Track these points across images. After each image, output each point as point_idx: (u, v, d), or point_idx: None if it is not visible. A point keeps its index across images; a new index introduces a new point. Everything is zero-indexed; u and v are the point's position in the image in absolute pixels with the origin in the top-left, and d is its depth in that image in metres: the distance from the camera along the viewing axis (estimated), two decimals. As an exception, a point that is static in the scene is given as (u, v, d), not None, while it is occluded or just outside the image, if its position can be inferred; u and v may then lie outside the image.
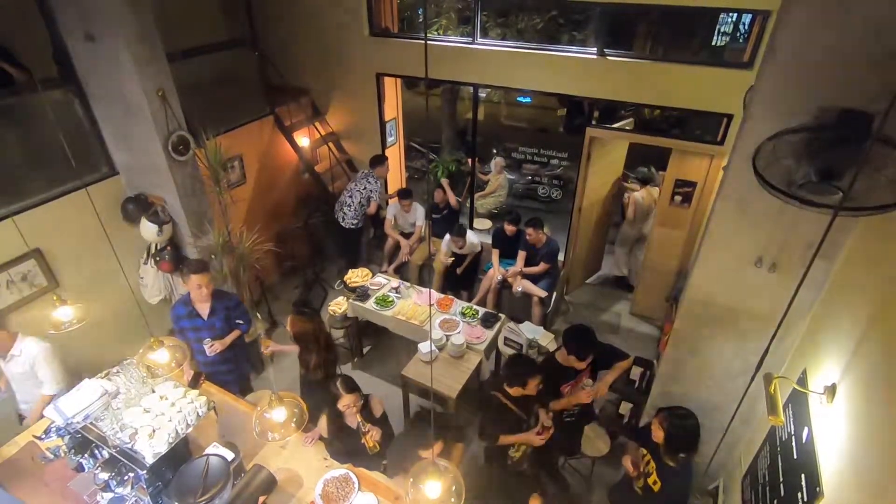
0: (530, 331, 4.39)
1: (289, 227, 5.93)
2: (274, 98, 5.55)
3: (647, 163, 6.17)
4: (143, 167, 4.03)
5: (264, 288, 5.47)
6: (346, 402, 2.88)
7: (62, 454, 2.58)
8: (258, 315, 5.26)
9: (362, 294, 4.79)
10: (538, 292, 4.96)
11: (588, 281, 6.30)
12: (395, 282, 4.95)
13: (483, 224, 7.03)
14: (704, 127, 5.44)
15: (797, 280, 1.83)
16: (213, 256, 4.15)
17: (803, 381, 2.47)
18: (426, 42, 1.79)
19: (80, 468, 2.56)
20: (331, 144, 6.06)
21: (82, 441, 2.51)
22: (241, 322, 3.62)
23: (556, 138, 10.07)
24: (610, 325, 5.58)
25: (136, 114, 3.72)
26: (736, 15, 6.68)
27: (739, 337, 2.98)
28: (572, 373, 3.17)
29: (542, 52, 4.90)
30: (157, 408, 2.57)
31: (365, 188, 5.54)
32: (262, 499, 2.60)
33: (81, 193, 3.72)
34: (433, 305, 4.68)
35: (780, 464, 2.48)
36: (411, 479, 1.71)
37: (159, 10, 3.63)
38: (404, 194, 5.60)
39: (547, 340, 4.35)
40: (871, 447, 1.81)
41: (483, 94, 9.55)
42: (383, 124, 6.00)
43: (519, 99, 10.85)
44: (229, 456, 2.61)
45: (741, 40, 6.92)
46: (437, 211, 5.93)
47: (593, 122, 5.37)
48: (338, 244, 6.13)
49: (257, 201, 5.55)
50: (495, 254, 5.31)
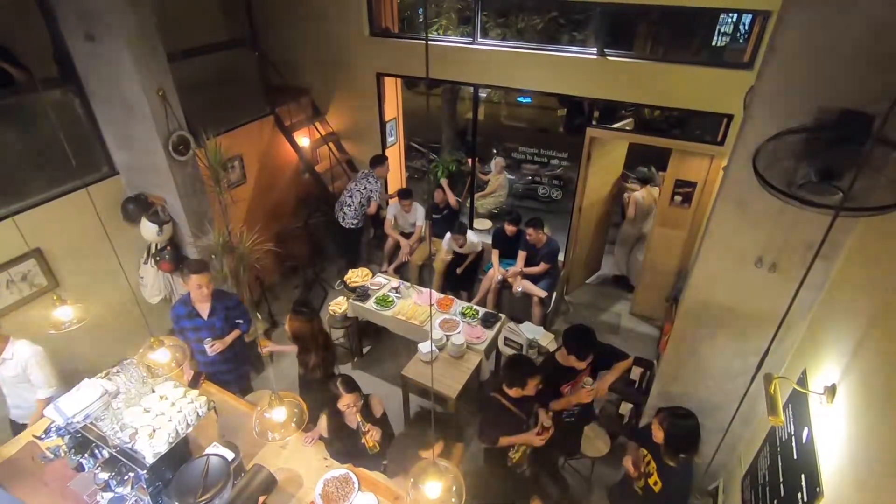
0: (530, 331, 4.39)
1: (289, 227, 5.93)
2: (274, 98, 5.55)
3: (647, 163, 6.18)
4: (143, 167, 4.04)
5: (264, 288, 5.47)
6: (346, 402, 2.88)
7: (62, 454, 2.58)
8: (258, 315, 5.26)
9: (362, 294, 4.79)
10: (538, 292, 4.97)
11: (588, 281, 6.31)
12: (396, 282, 4.95)
13: (483, 224, 7.03)
14: (704, 127, 5.44)
15: (797, 280, 1.83)
16: (214, 256, 4.15)
17: (803, 381, 2.47)
18: (427, 42, 1.79)
19: (80, 468, 2.56)
20: (331, 144, 6.06)
21: (82, 441, 2.51)
22: (241, 322, 3.62)
23: (556, 138, 10.09)
24: (610, 326, 5.58)
25: (137, 113, 3.72)
26: (736, 15, 6.69)
27: (739, 337, 2.98)
28: (572, 373, 3.17)
29: (542, 53, 4.90)
30: (157, 407, 2.57)
31: (365, 188, 5.54)
32: (262, 499, 2.60)
33: (82, 193, 3.72)
34: (433, 305, 4.69)
35: (780, 464, 2.48)
36: (412, 479, 1.71)
37: (159, 10, 3.63)
38: (404, 194, 5.60)
39: (547, 340, 4.35)
40: (871, 447, 1.82)
41: (483, 94, 9.56)
42: (383, 124, 6.00)
43: (519, 99, 10.86)
44: (229, 456, 2.61)
45: (741, 40, 6.93)
46: (437, 211, 5.93)
47: (593, 123, 5.37)
48: (338, 244, 6.13)
49: (257, 201, 5.56)
50: (495, 254, 5.31)
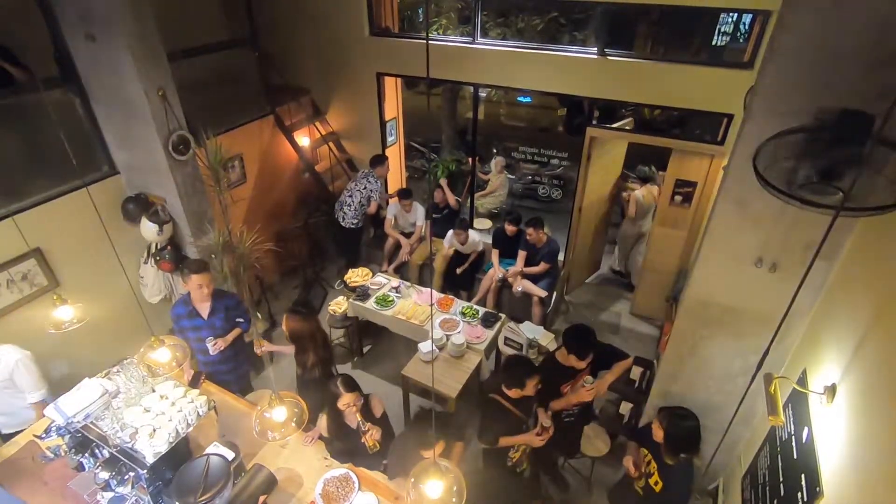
0: (530, 331, 4.39)
1: (289, 227, 5.93)
2: (274, 97, 5.55)
3: (647, 162, 6.19)
4: (143, 167, 4.04)
5: (264, 287, 5.47)
6: (346, 402, 2.87)
7: (62, 453, 2.58)
8: (258, 315, 5.26)
9: (362, 294, 4.79)
10: (538, 292, 4.97)
11: (588, 281, 6.31)
12: (396, 281, 4.95)
13: (483, 224, 7.03)
14: (705, 127, 5.44)
15: (797, 280, 1.83)
16: (214, 256, 4.14)
17: (803, 381, 2.47)
18: (427, 42, 1.78)
19: (80, 467, 2.56)
20: (331, 144, 6.06)
21: (83, 440, 2.51)
22: (241, 320, 3.62)
23: (556, 138, 10.10)
24: (610, 325, 5.58)
25: (137, 113, 3.72)
26: (736, 15, 6.70)
27: (740, 337, 2.98)
28: (572, 372, 3.17)
29: (542, 52, 4.90)
30: (157, 407, 2.57)
31: (365, 188, 5.54)
32: (262, 498, 2.60)
33: (82, 193, 3.72)
34: (433, 305, 4.69)
35: (780, 464, 2.48)
36: (412, 478, 1.71)
37: (160, 10, 3.62)
38: (404, 194, 5.60)
39: (547, 340, 4.35)
40: (872, 447, 1.82)
41: (483, 94, 9.55)
42: (383, 124, 6.00)
43: (519, 99, 10.86)
44: (229, 455, 2.61)
45: (741, 40, 6.93)
46: (437, 211, 5.93)
47: (594, 122, 5.37)
48: (338, 244, 6.14)
49: (257, 201, 5.55)
50: (495, 253, 5.32)
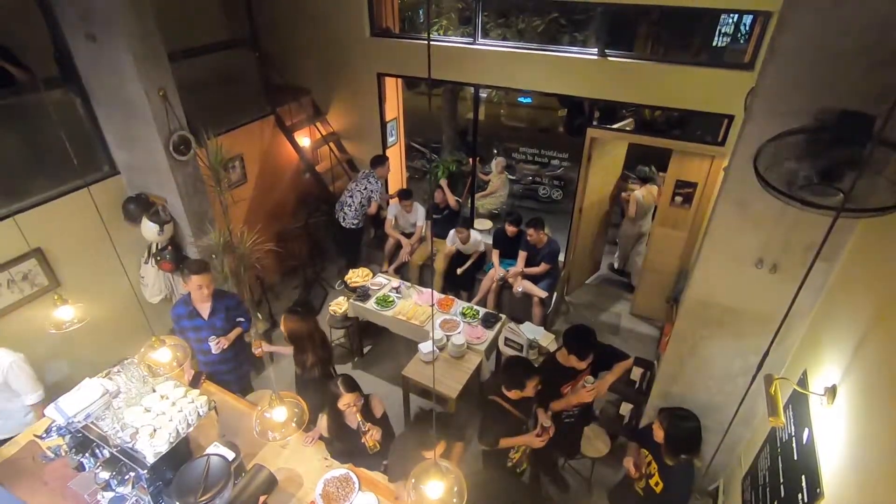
0: (531, 331, 4.39)
1: (289, 227, 5.94)
2: (275, 98, 5.55)
3: (647, 163, 6.19)
4: (144, 167, 4.04)
5: (265, 288, 5.47)
6: (346, 402, 2.87)
7: (63, 453, 2.58)
8: (259, 315, 5.26)
9: (363, 294, 4.79)
10: (539, 293, 4.97)
11: (588, 281, 6.31)
12: (396, 282, 4.95)
13: (483, 224, 7.03)
14: (705, 128, 5.45)
15: (798, 281, 1.83)
16: (214, 256, 4.15)
17: (804, 382, 2.47)
18: (429, 42, 1.79)
19: (80, 467, 2.56)
20: (331, 144, 6.06)
21: (83, 440, 2.51)
22: (241, 320, 3.63)
23: (556, 139, 10.11)
24: (610, 326, 5.58)
25: (138, 113, 3.72)
26: (737, 16, 6.70)
27: (740, 337, 2.98)
28: (572, 373, 3.17)
29: (542, 53, 4.90)
30: (157, 407, 2.58)
31: (366, 188, 5.54)
32: (262, 498, 2.61)
33: (83, 193, 3.72)
34: (434, 306, 4.69)
35: (781, 465, 2.48)
36: (413, 479, 1.71)
37: (160, 10, 3.63)
38: (405, 195, 5.60)
39: (547, 341, 4.35)
40: (872, 448, 1.82)
41: (484, 95, 9.56)
42: (384, 124, 6.00)
43: (520, 99, 10.86)
44: (230, 455, 2.61)
45: (742, 41, 6.94)
46: (437, 211, 5.94)
47: (594, 123, 5.37)
48: (338, 244, 6.14)
49: (258, 201, 5.56)
50: (496, 254, 5.32)
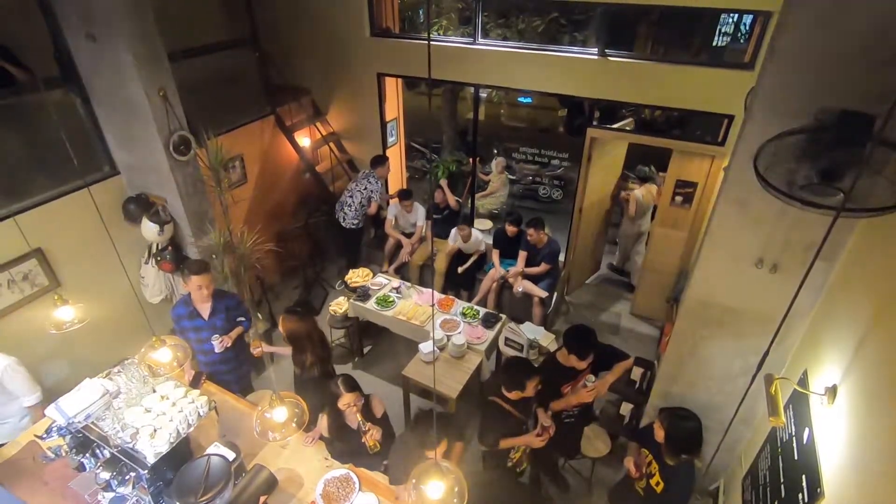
0: (531, 331, 4.39)
1: (289, 227, 5.94)
2: (275, 98, 5.55)
3: (647, 162, 6.19)
4: (144, 167, 4.04)
5: (265, 288, 5.47)
6: (346, 401, 2.87)
7: (63, 454, 2.58)
8: (259, 315, 5.26)
9: (363, 294, 4.80)
10: (539, 293, 4.97)
11: (588, 281, 6.31)
12: (396, 282, 4.95)
13: (484, 224, 7.03)
14: (705, 127, 5.45)
15: (798, 281, 1.83)
16: (214, 256, 4.15)
17: (804, 382, 2.47)
18: (429, 42, 1.79)
19: (81, 468, 2.57)
20: (332, 144, 6.06)
21: (83, 440, 2.51)
22: (242, 319, 3.63)
23: (556, 139, 10.10)
24: (610, 326, 5.58)
25: (138, 113, 3.72)
26: (737, 16, 6.70)
27: (740, 337, 2.98)
28: (573, 373, 3.17)
29: (542, 53, 4.90)
30: (158, 407, 2.58)
31: (366, 188, 5.54)
32: (262, 499, 2.61)
33: (83, 193, 3.72)
34: (434, 306, 4.69)
35: (781, 464, 2.48)
36: (414, 479, 1.71)
37: (160, 10, 3.62)
38: (404, 195, 5.60)
39: (548, 341, 4.35)
40: (873, 448, 1.82)
41: (484, 95, 9.56)
42: (384, 124, 6.00)
43: (520, 99, 10.86)
44: (230, 456, 2.62)
45: (742, 41, 6.94)
46: (437, 211, 5.94)
47: (594, 123, 5.37)
48: (338, 244, 6.14)
49: (258, 201, 5.56)
50: (496, 254, 5.32)
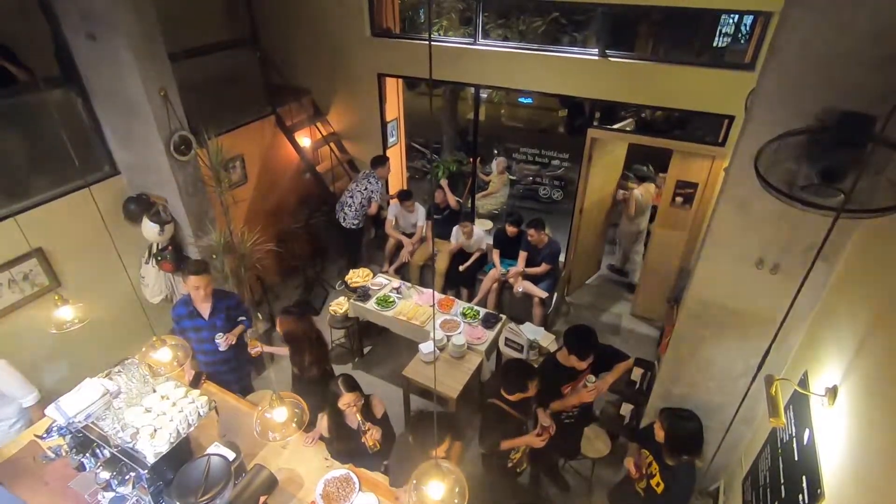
0: (531, 332, 4.39)
1: (290, 227, 5.94)
2: (275, 98, 5.55)
3: (647, 162, 6.19)
4: (144, 167, 4.04)
5: (265, 288, 5.48)
6: (346, 401, 2.87)
7: (63, 453, 2.59)
8: (259, 315, 5.26)
9: (363, 294, 4.80)
10: (539, 293, 4.97)
11: (588, 282, 6.31)
12: (396, 282, 4.95)
13: (484, 225, 7.03)
14: (706, 128, 5.44)
15: (798, 282, 1.83)
16: (215, 256, 4.15)
17: (804, 382, 2.47)
18: (430, 42, 1.79)
19: (81, 467, 2.56)
20: (332, 145, 6.06)
21: (84, 440, 2.51)
22: (243, 318, 3.63)
23: (557, 139, 10.10)
24: (610, 326, 5.58)
25: (138, 113, 3.73)
26: (737, 16, 6.69)
27: (740, 338, 2.97)
28: (573, 373, 3.17)
29: (543, 53, 4.90)
30: (158, 407, 2.58)
31: (366, 188, 5.54)
32: (262, 499, 2.61)
33: (83, 193, 3.73)
34: (434, 306, 4.68)
35: (782, 465, 2.48)
36: (414, 480, 1.71)
37: (161, 10, 3.63)
38: (404, 196, 5.60)
39: (548, 341, 4.35)
40: (873, 449, 1.82)
41: (484, 95, 9.56)
42: (384, 125, 6.01)
43: (520, 100, 10.85)
44: (230, 456, 2.62)
45: (743, 41, 6.93)
46: (438, 211, 5.94)
47: (594, 123, 5.37)
48: (338, 244, 6.14)
49: (258, 201, 5.56)
50: (496, 253, 5.32)
